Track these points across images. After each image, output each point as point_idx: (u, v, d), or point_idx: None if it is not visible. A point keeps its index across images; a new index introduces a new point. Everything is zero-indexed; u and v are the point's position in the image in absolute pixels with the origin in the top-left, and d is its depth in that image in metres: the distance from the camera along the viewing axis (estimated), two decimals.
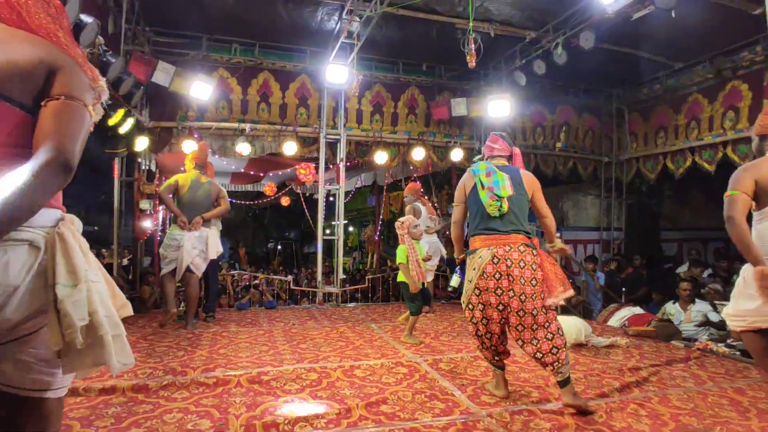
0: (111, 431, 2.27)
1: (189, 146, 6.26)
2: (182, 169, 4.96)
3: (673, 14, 4.50)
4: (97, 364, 1.09)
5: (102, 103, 1.22)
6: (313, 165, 7.23)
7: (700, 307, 5.01)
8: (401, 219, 4.31)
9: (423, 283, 4.26)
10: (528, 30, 6.10)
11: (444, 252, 6.51)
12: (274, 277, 8.54)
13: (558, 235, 5.87)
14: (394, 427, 2.36)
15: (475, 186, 2.78)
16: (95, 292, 1.09)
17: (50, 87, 1.08)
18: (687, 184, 8.33)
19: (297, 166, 7.37)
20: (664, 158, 7.56)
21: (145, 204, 5.98)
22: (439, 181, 9.33)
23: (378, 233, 10.47)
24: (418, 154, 7.19)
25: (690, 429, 2.38)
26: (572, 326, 4.02)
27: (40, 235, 1.05)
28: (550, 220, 2.90)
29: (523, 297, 2.59)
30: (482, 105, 6.96)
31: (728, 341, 4.13)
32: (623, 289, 6.37)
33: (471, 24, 4.61)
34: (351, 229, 16.11)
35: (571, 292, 2.75)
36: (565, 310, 5.60)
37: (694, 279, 5.47)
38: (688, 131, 7.13)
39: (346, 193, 7.47)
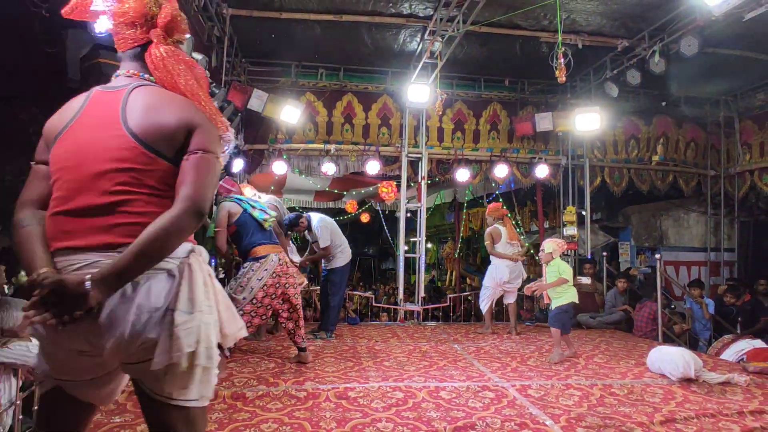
0: None
1: (279, 167, 6.68)
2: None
3: None
4: (183, 388, 1.23)
5: (225, 150, 1.42)
6: (395, 183, 7.34)
7: None
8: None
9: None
10: (620, 39, 5.78)
11: (524, 274, 6.19)
12: (355, 293, 8.69)
13: (657, 256, 5.42)
14: None
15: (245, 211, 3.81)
16: (203, 324, 1.23)
17: (189, 142, 1.28)
18: None
19: (379, 184, 7.51)
20: None
21: None
22: (522, 198, 9.02)
23: (457, 251, 10.33)
24: (501, 171, 7.03)
25: None
26: (679, 358, 3.65)
27: (175, 265, 1.24)
28: None
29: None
30: (569, 119, 6.66)
31: None
32: (739, 318, 5.67)
33: (560, 38, 4.46)
34: (429, 245, 16.01)
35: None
36: (668, 339, 5.11)
37: None
38: None
39: (426, 210, 7.47)
